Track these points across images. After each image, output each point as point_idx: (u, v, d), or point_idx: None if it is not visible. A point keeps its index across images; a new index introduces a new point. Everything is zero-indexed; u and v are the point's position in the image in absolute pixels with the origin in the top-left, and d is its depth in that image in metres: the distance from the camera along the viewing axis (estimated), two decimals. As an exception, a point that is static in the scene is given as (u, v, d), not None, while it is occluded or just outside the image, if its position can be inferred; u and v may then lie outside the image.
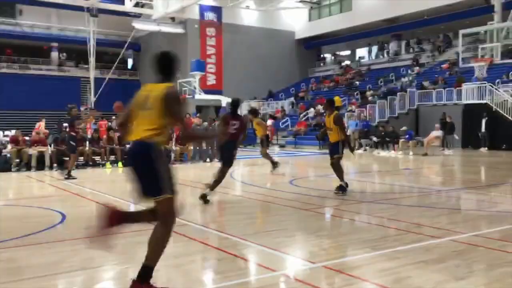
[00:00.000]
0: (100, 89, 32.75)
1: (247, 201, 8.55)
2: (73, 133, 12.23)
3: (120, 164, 15.20)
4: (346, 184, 8.98)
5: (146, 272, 3.77)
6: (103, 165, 15.13)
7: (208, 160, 17.18)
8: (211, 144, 17.49)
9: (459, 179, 12.17)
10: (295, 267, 4.59)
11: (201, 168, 15.32)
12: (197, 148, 17.17)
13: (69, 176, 11.72)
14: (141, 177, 3.76)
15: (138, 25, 33.85)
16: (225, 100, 28.88)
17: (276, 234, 5.75)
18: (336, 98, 10.96)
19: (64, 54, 39.81)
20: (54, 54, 39.21)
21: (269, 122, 26.66)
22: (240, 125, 8.26)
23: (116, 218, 3.91)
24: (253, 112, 13.45)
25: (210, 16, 35.48)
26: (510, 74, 24.69)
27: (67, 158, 13.23)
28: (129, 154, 4.03)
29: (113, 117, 21.24)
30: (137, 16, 34.27)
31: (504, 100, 21.67)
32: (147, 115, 3.78)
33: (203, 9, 35.02)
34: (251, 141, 28.44)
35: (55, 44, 38.82)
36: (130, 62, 44.08)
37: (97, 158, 15.38)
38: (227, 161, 8.24)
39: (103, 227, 3.84)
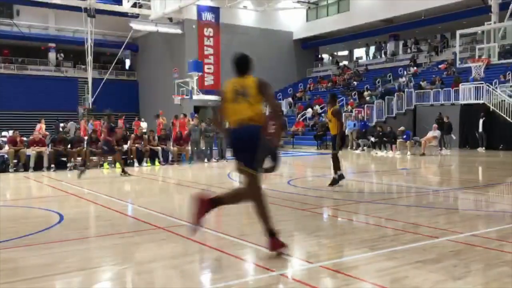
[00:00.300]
0: (98, 90, 32.73)
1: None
2: (109, 138, 12.94)
3: (118, 165, 15.18)
4: (339, 176, 9.38)
5: (272, 233, 4.71)
6: (101, 165, 15.12)
7: (206, 160, 17.17)
8: (210, 144, 17.51)
9: (456, 179, 12.20)
10: (293, 267, 4.59)
11: (199, 168, 15.32)
12: (195, 148, 17.16)
13: (125, 173, 12.71)
14: (247, 152, 4.56)
15: (135, 25, 33.81)
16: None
17: (274, 234, 5.74)
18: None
19: (62, 54, 39.77)
20: (52, 55, 39.17)
21: None
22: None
23: (208, 203, 4.80)
24: None
25: (207, 16, 35.47)
26: (507, 74, 24.76)
27: (80, 159, 13.67)
28: (236, 136, 4.70)
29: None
30: (135, 16, 34.23)
31: (502, 100, 21.72)
32: (245, 104, 4.62)
33: (200, 9, 35.01)
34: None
35: (52, 45, 38.78)
36: (127, 63, 44.06)
37: (94, 158, 15.36)
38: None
39: (198, 213, 4.76)
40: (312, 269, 4.40)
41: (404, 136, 20.81)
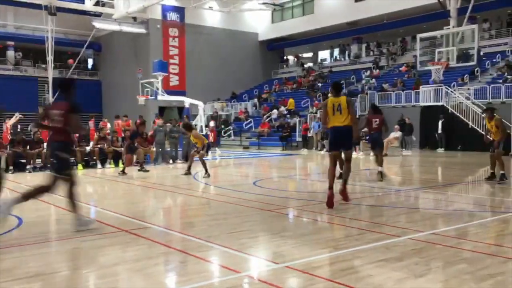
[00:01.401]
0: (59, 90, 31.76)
1: (210, 203, 8.52)
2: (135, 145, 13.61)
3: (80, 166, 14.82)
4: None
5: (345, 182, 7.94)
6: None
7: (170, 161, 17.00)
8: (175, 145, 17.34)
9: (417, 179, 12.51)
10: (259, 268, 4.60)
11: (164, 170, 15.15)
12: (160, 149, 16.96)
13: (142, 169, 13.13)
14: (347, 140, 7.70)
15: (98, 24, 33.11)
16: (188, 101, 28.64)
17: (239, 235, 5.75)
18: (290, 101, 12.45)
19: (20, 53, 38.53)
20: (10, 53, 37.87)
21: (211, 123, 26.15)
22: (380, 120, 11.83)
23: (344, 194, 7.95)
24: (187, 127, 13.49)
25: (172, 16, 35.14)
26: (465, 77, 25.62)
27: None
28: (340, 133, 7.63)
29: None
30: (97, 15, 33.54)
31: (460, 102, 22.45)
32: (342, 113, 7.53)
33: (165, 9, 34.65)
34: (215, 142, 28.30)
35: (11, 43, 37.52)
36: (90, 62, 43.11)
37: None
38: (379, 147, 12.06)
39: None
40: (278, 269, 4.42)
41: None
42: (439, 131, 22.55)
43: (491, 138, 10.82)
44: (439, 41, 23.13)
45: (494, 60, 27.08)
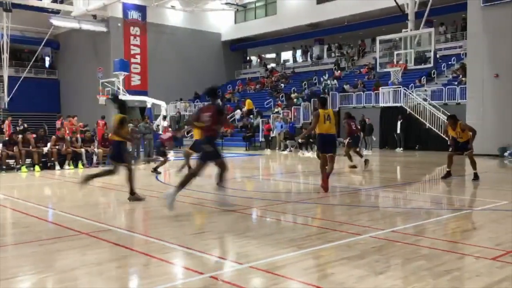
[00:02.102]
0: (15, 89, 30.78)
1: (173, 204, 8.41)
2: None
3: (37, 168, 14.38)
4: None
5: (327, 177, 9.37)
6: (19, 169, 14.26)
7: (133, 162, 16.71)
8: (137, 146, 17.07)
9: (377, 178, 12.79)
10: (223, 268, 4.60)
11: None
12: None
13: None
14: (332, 146, 9.14)
15: (56, 22, 32.21)
16: (150, 101, 28.26)
17: (203, 236, 5.72)
18: (248, 101, 13.14)
19: (-27, 50, 37.02)
20: (-38, 50, 36.36)
21: (165, 123, 24.50)
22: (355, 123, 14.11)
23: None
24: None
25: (134, 15, 34.59)
26: (422, 79, 26.40)
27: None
28: (326, 140, 9.19)
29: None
30: (56, 12, 32.62)
31: (417, 103, 23.12)
32: (331, 123, 9.02)
33: (126, 7, 34.06)
34: (178, 142, 28.06)
35: (-37, 40, 36.04)
36: (48, 61, 41.88)
37: (11, 161, 14.47)
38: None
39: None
40: (242, 270, 4.43)
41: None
42: (398, 131, 23.16)
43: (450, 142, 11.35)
44: (397, 43, 23.70)
45: (450, 62, 28.02)
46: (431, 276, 4.14)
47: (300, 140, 19.61)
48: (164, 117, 27.60)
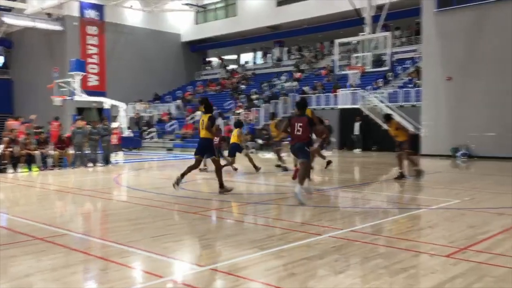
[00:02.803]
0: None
1: (132, 207, 8.28)
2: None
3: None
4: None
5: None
6: None
7: (90, 164, 16.33)
8: (95, 148, 16.67)
9: (336, 179, 13.00)
10: (183, 271, 4.55)
11: (82, 173, 14.52)
12: (78, 152, 16.22)
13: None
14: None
15: (8, 20, 31.05)
16: (109, 102, 27.67)
17: (163, 239, 5.65)
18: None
19: None
20: None
21: (115, 124, 23.38)
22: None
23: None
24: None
25: (91, 13, 33.79)
26: (379, 81, 27.06)
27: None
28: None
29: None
30: (8, 10, 31.43)
31: (374, 105, 23.68)
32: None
33: (83, 6, 33.24)
34: (136, 144, 27.66)
35: None
36: (0, 60, 40.31)
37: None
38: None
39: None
40: (203, 272, 4.40)
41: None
42: (356, 133, 23.67)
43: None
44: (355, 46, 24.18)
45: (405, 65, 28.85)
46: (388, 274, 4.25)
47: (260, 142, 19.68)
48: (115, 117, 27.07)
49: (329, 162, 13.92)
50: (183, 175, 9.45)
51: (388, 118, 11.89)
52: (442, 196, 9.01)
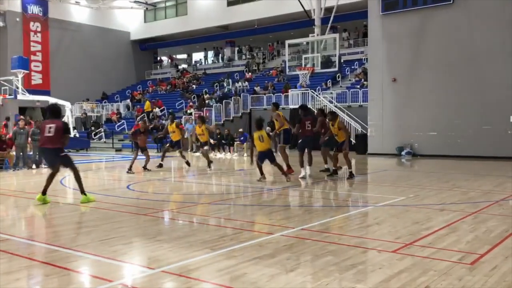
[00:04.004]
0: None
1: (80, 209, 8.02)
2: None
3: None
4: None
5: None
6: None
7: (33, 166, 15.69)
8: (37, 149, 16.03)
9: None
10: (133, 275, 4.46)
11: (25, 175, 13.93)
12: (21, 153, 15.55)
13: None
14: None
15: None
16: (53, 101, 26.69)
17: (112, 242, 5.51)
18: (147, 104, 13.68)
19: None
20: None
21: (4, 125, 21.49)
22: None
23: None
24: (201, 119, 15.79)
25: (34, 9, 32.51)
26: (328, 82, 27.63)
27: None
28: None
29: None
30: None
31: (324, 105, 24.13)
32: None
33: (26, 1, 31.95)
34: (83, 144, 26.84)
35: None
36: None
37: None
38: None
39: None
40: (154, 275, 4.33)
41: (241, 138, 21.79)
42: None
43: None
44: (305, 47, 24.57)
45: (353, 67, 29.63)
46: (338, 270, 4.34)
47: (212, 142, 19.61)
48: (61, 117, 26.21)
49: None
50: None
51: (334, 115, 12.09)
52: (388, 193, 9.31)
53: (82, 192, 8.36)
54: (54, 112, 8.37)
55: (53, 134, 8.02)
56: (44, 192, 8.22)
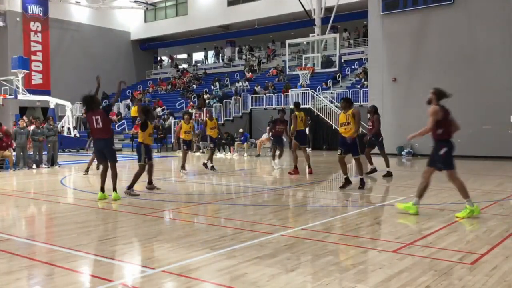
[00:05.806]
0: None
1: (80, 209, 8.03)
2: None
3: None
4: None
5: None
6: None
7: (34, 166, 15.69)
8: (39, 149, 16.03)
9: (287, 178, 13.14)
10: (134, 274, 4.46)
11: (26, 175, 13.93)
12: (21, 153, 15.55)
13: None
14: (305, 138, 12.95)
15: None
16: (54, 101, 26.72)
17: (112, 242, 5.51)
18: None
19: None
20: None
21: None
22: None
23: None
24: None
25: (34, 9, 32.52)
26: (328, 82, 27.61)
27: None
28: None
29: None
30: None
31: (324, 105, 24.14)
32: (303, 122, 12.89)
33: (26, 1, 31.95)
34: (83, 144, 26.83)
35: None
36: None
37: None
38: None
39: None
40: (154, 274, 4.33)
41: (242, 138, 21.79)
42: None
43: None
44: (305, 47, 24.57)
45: (353, 67, 29.62)
46: (338, 270, 4.34)
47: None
48: (61, 117, 26.21)
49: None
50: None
51: (350, 102, 10.06)
52: (388, 193, 9.30)
53: (114, 189, 8.59)
54: (92, 103, 8.63)
55: (102, 125, 8.37)
56: (102, 190, 8.57)
